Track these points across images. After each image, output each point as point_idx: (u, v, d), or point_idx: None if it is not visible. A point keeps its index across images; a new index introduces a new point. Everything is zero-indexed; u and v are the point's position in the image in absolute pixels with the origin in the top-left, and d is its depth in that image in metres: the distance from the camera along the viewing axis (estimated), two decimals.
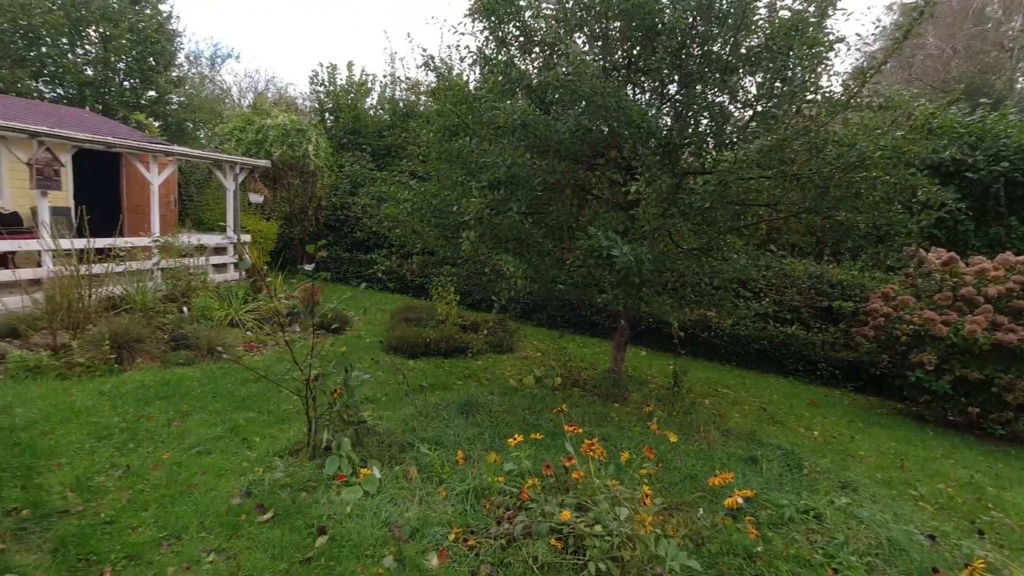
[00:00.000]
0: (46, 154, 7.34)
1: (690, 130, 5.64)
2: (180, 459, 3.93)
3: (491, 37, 6.30)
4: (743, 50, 5.20)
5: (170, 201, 11.22)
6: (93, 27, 18.08)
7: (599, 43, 5.85)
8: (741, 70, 5.28)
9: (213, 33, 51.09)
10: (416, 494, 3.57)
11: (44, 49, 17.37)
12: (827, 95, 5.06)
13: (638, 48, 5.90)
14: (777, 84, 5.19)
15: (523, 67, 6.35)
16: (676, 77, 5.70)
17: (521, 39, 6.11)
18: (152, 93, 19.79)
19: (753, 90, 5.48)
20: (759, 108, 5.40)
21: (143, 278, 7.74)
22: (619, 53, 5.98)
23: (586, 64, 4.74)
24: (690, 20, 5.19)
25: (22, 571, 2.72)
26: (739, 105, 5.69)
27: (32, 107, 11.62)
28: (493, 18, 5.73)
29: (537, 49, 5.98)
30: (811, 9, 5.05)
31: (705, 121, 5.75)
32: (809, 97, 5.15)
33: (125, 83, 19.16)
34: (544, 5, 5.96)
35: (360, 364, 7.30)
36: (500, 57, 5.96)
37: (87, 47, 18.32)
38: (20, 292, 6.66)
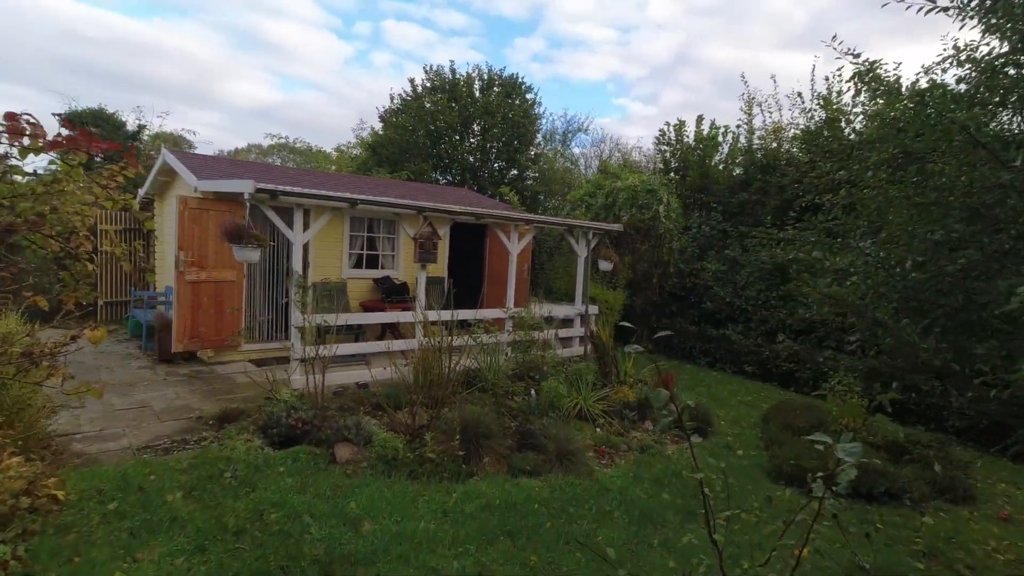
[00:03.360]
0: (428, 228, 7.70)
1: None
2: None
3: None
4: None
5: (524, 270, 11.34)
6: (476, 122, 21.40)
7: None
8: None
9: (567, 106, 57.42)
10: None
11: (442, 145, 21.26)
12: None
13: None
14: None
15: None
16: None
17: None
18: (514, 172, 22.21)
19: None
20: None
21: (496, 351, 7.35)
22: None
23: None
24: None
25: None
26: None
27: (424, 189, 13.56)
28: None
29: None
30: None
31: None
32: None
33: (495, 164, 21.99)
34: None
35: (745, 502, 5.18)
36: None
37: (471, 139, 21.73)
38: (390, 362, 6.65)
